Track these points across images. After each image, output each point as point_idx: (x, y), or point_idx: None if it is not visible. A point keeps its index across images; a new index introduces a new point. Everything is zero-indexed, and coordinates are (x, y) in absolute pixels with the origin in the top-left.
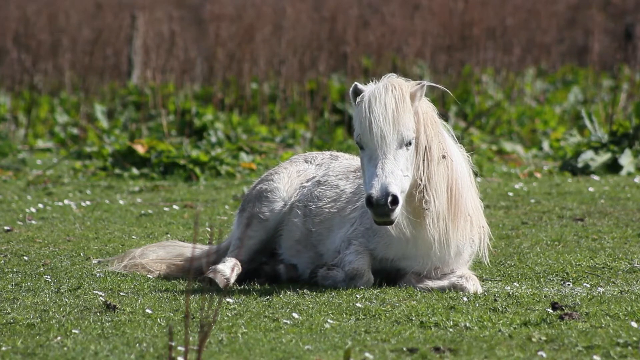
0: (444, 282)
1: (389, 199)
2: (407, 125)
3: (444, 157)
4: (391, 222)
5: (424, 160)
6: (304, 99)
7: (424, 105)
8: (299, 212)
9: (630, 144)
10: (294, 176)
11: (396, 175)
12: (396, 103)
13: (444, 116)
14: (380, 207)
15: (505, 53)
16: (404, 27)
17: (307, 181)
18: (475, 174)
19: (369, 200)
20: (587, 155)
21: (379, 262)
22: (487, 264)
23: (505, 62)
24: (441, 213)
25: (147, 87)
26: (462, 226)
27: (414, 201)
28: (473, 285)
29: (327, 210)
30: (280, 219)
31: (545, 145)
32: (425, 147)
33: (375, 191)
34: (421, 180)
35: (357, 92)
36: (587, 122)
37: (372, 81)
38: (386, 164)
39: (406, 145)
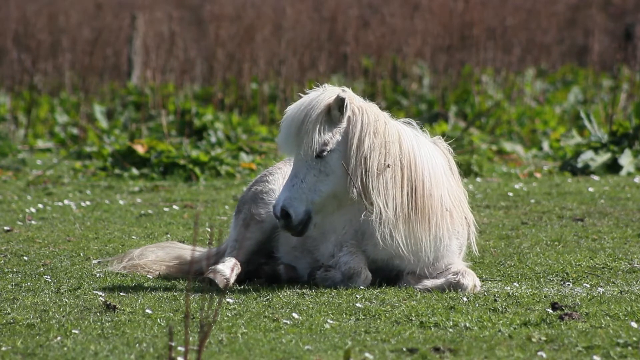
0: (441, 281)
1: (282, 212)
2: (314, 139)
3: (388, 166)
4: (299, 234)
5: (356, 171)
6: None
7: (367, 115)
8: None
9: (630, 144)
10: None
11: (298, 188)
12: (305, 116)
13: (443, 116)
14: (279, 220)
15: (505, 53)
16: (404, 27)
17: None
18: (458, 163)
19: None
20: (587, 156)
21: (373, 262)
22: (476, 251)
23: (505, 62)
24: (398, 218)
25: (147, 87)
26: (436, 223)
27: (351, 212)
28: (471, 280)
29: None
30: (276, 220)
31: (545, 145)
32: (359, 158)
33: (275, 204)
34: (353, 192)
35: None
36: (586, 122)
37: (310, 90)
38: (291, 178)
39: (319, 157)
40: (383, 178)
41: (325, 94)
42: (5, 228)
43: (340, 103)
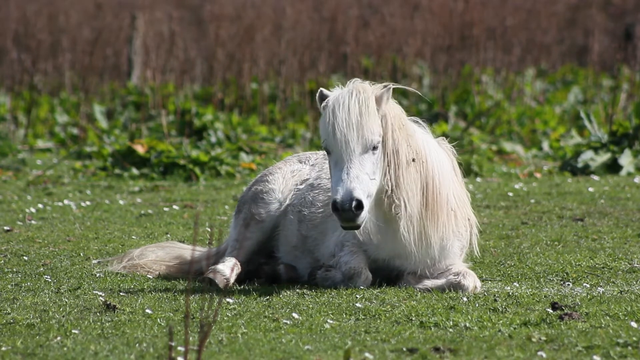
0: (442, 281)
1: (354, 204)
2: (372, 129)
3: (413, 160)
4: (357, 227)
5: (390, 164)
6: (304, 99)
7: (391, 108)
8: (292, 217)
9: (630, 144)
10: (288, 177)
11: (361, 179)
12: (360, 108)
13: (443, 116)
14: (345, 212)
15: (505, 53)
16: (404, 27)
17: (301, 183)
18: (460, 164)
19: (334, 205)
20: (587, 156)
21: (374, 262)
22: (477, 253)
23: (505, 62)
24: (415, 214)
25: (147, 87)
26: (443, 222)
27: (383, 206)
28: (472, 281)
29: (320, 214)
30: (276, 220)
31: (545, 145)
32: (392, 151)
33: (339, 196)
34: (388, 186)
35: (323, 98)
36: (586, 122)
37: (338, 86)
38: (351, 169)
39: (372, 149)
40: (408, 172)
41: (364, 86)
42: (5, 228)
43: (381, 95)
